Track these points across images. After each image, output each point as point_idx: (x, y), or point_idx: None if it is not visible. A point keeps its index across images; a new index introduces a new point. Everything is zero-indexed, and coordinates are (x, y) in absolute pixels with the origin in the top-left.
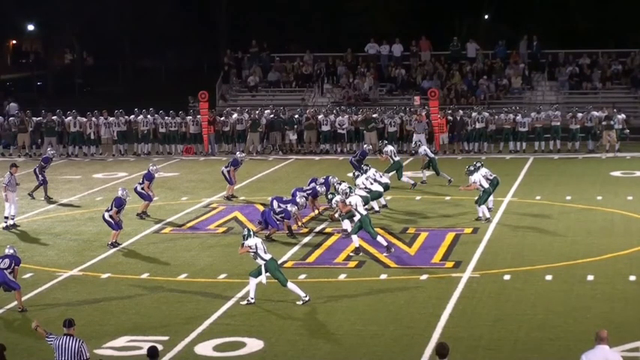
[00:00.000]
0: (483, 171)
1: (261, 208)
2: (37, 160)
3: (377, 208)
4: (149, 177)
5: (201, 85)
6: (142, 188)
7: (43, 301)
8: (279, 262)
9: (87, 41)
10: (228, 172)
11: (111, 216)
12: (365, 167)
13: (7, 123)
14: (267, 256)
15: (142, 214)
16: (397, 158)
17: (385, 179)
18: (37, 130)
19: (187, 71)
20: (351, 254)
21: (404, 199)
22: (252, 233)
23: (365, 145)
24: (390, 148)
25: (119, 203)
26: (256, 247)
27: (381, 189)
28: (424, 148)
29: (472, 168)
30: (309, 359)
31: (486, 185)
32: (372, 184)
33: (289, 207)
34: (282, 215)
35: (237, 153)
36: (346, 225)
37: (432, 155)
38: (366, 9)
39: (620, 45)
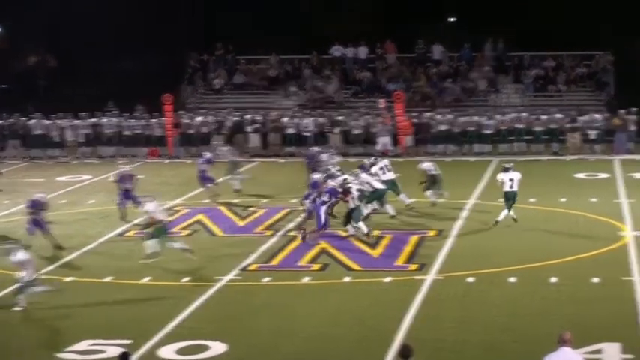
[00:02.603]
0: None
1: (225, 210)
2: (1, 164)
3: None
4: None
5: (166, 87)
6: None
7: (6, 303)
8: (242, 265)
9: (52, 43)
10: (203, 172)
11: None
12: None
13: None
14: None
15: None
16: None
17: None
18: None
19: (152, 74)
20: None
21: None
22: None
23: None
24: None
25: (33, 205)
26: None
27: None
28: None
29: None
30: None
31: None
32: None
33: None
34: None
35: (209, 152)
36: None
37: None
38: (331, 12)
39: (584, 48)
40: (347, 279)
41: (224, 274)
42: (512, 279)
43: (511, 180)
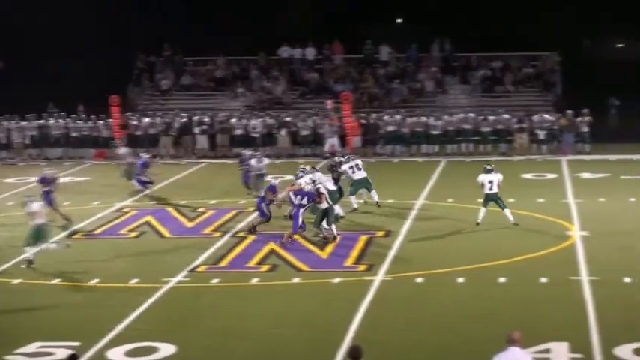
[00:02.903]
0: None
1: (173, 212)
2: None
3: (342, 214)
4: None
5: (114, 89)
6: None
7: None
8: (191, 266)
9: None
10: (140, 175)
11: None
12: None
13: None
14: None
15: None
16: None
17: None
18: None
19: (100, 75)
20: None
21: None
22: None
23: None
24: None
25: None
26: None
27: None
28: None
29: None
30: None
31: None
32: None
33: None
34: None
35: (143, 154)
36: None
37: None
38: (278, 12)
39: (531, 49)
40: (296, 280)
41: (173, 275)
42: (460, 279)
43: (490, 182)
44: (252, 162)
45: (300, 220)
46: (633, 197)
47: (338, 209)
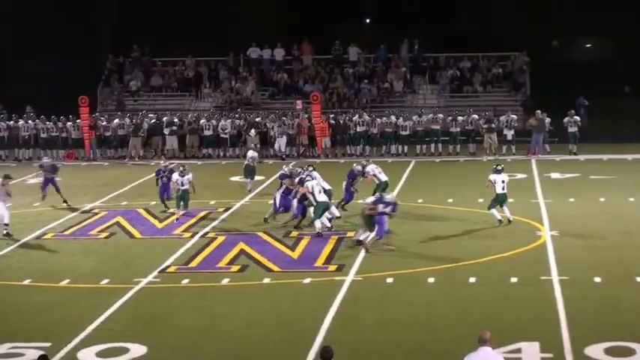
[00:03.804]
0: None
1: (143, 212)
2: None
3: (337, 214)
4: None
5: (83, 89)
6: None
7: None
8: (161, 267)
9: None
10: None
11: None
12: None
13: None
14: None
15: None
16: (385, 178)
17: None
18: None
19: (68, 76)
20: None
21: None
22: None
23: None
24: (373, 166)
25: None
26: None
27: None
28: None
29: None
30: None
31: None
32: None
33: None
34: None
35: (45, 158)
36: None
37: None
38: (247, 13)
39: (500, 49)
40: (267, 280)
41: (143, 276)
42: (431, 279)
43: (503, 181)
44: (174, 175)
45: (387, 226)
46: (603, 197)
47: (334, 209)
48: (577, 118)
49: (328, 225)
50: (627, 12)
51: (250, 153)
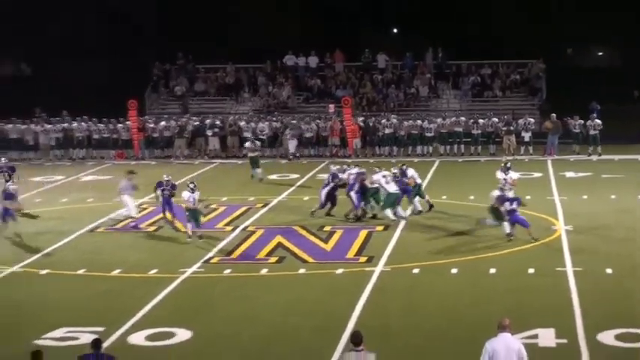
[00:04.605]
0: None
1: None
2: None
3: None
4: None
5: (132, 94)
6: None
7: None
8: (205, 258)
9: (27, 54)
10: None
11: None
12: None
13: None
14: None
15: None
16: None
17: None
18: None
19: (116, 81)
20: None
21: (316, 200)
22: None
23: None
24: (412, 171)
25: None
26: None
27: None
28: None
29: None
30: (233, 348)
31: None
32: (388, 183)
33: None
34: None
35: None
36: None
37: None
38: (283, 24)
39: (518, 56)
40: (302, 271)
41: (188, 266)
42: (454, 270)
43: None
44: (185, 193)
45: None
46: (614, 195)
47: (417, 203)
48: (598, 121)
49: (404, 215)
50: (638, 23)
51: (248, 144)
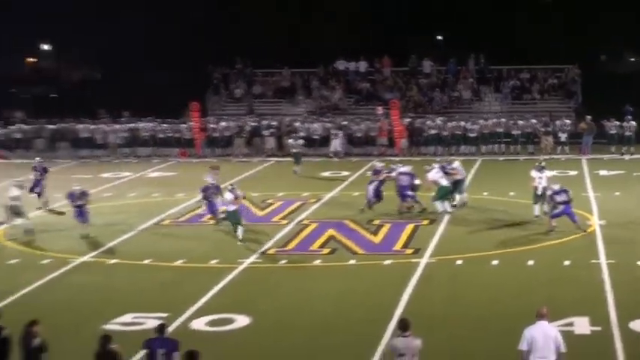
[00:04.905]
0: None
1: (246, 202)
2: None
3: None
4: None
5: (194, 96)
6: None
7: (59, 283)
8: (262, 249)
9: (98, 60)
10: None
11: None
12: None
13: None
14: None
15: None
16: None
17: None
18: (53, 135)
19: (182, 84)
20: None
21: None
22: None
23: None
24: (457, 163)
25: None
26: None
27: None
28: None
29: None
30: (289, 334)
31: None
32: (441, 177)
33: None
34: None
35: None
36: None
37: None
38: (335, 30)
39: (555, 62)
40: (352, 262)
41: (246, 257)
42: (495, 262)
43: (541, 178)
44: (227, 194)
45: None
46: None
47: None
48: (633, 123)
49: (449, 210)
50: None
51: (291, 141)
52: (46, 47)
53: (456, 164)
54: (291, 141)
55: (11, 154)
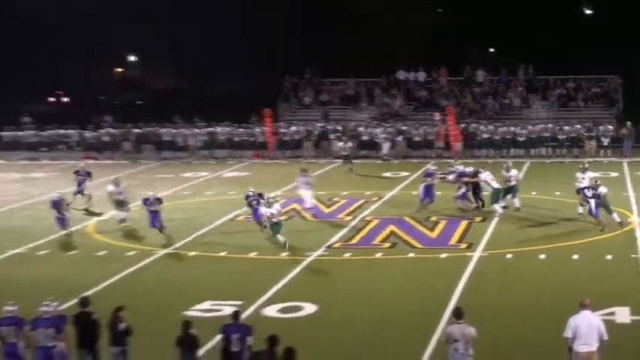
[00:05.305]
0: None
1: (315, 200)
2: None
3: (517, 205)
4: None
5: (267, 103)
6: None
7: (144, 273)
8: (328, 243)
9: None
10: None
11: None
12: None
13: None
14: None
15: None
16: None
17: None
18: (138, 138)
19: (255, 92)
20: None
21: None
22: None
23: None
24: (515, 172)
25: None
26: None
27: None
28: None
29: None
30: (353, 322)
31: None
32: (492, 179)
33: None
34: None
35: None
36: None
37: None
38: (396, 44)
39: (599, 72)
40: (411, 255)
41: (314, 250)
42: (542, 256)
43: (583, 178)
44: (262, 209)
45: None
46: None
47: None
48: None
49: (500, 211)
50: None
51: (340, 144)
52: (132, 59)
53: (514, 172)
54: (341, 144)
55: (100, 156)
